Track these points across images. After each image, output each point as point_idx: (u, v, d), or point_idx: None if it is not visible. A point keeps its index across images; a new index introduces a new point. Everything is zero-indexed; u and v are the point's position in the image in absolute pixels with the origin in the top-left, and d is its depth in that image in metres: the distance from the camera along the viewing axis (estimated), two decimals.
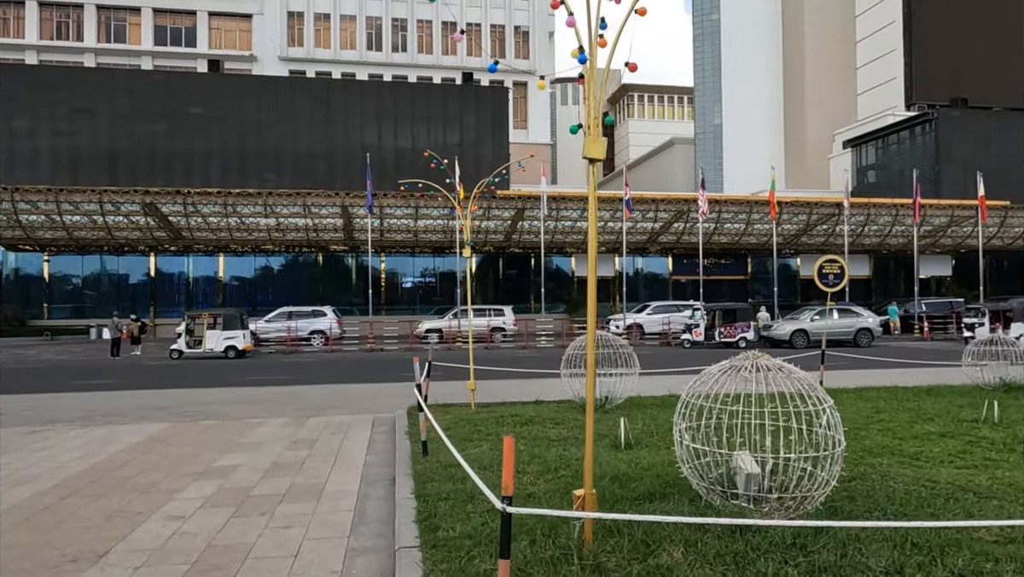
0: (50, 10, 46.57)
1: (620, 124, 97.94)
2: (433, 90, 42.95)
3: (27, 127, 36.74)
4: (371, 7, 50.04)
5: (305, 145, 39.35)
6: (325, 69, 49.34)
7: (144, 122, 37.51)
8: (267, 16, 48.71)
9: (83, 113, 37.03)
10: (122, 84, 39.74)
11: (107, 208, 28.37)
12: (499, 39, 51.81)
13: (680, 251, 37.12)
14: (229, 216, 29.95)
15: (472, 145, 39.68)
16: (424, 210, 30.75)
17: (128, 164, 36.76)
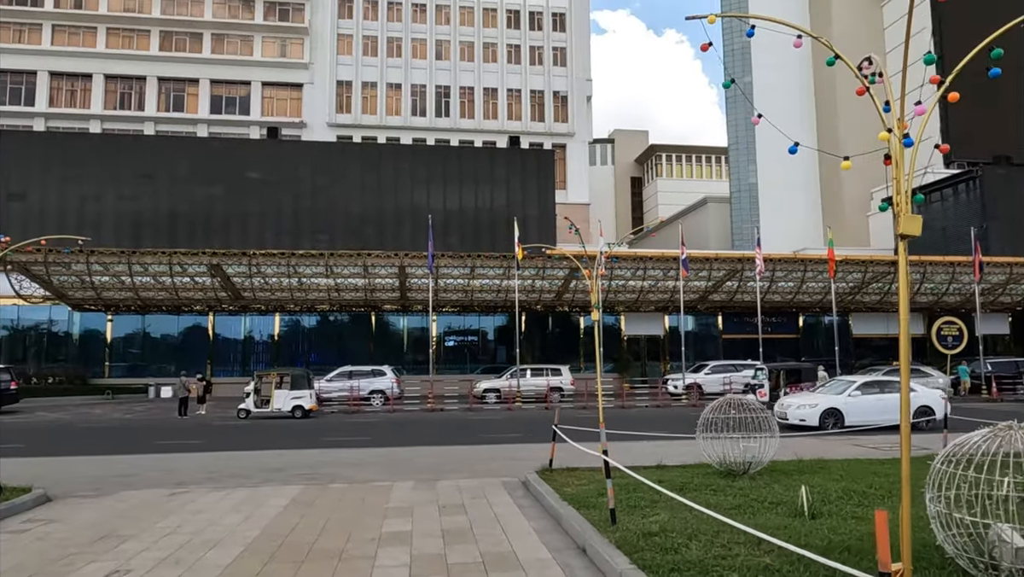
0: (115, 82, 49.11)
1: (648, 183, 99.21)
2: (480, 153, 44.16)
3: (93, 192, 38.31)
4: (416, 75, 52.07)
5: (357, 207, 40.43)
6: (371, 134, 51.05)
7: (203, 186, 38.93)
8: (317, 85, 50.86)
9: (146, 178, 38.58)
10: (183, 150, 41.52)
11: (174, 269, 29.16)
12: (539, 103, 53.38)
13: (730, 310, 36.93)
14: (290, 276, 30.59)
15: (519, 206, 40.43)
16: (480, 270, 31.13)
17: (188, 226, 37.97)
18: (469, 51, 52.75)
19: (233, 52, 50.36)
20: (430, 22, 52.41)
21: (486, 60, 52.88)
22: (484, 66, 52.71)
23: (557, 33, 53.81)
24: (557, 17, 54.01)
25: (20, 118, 46.83)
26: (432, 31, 52.37)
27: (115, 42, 49.12)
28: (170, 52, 49.38)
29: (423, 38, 52.26)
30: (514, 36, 53.38)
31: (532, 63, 53.28)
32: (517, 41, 53.31)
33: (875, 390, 17.40)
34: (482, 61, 52.74)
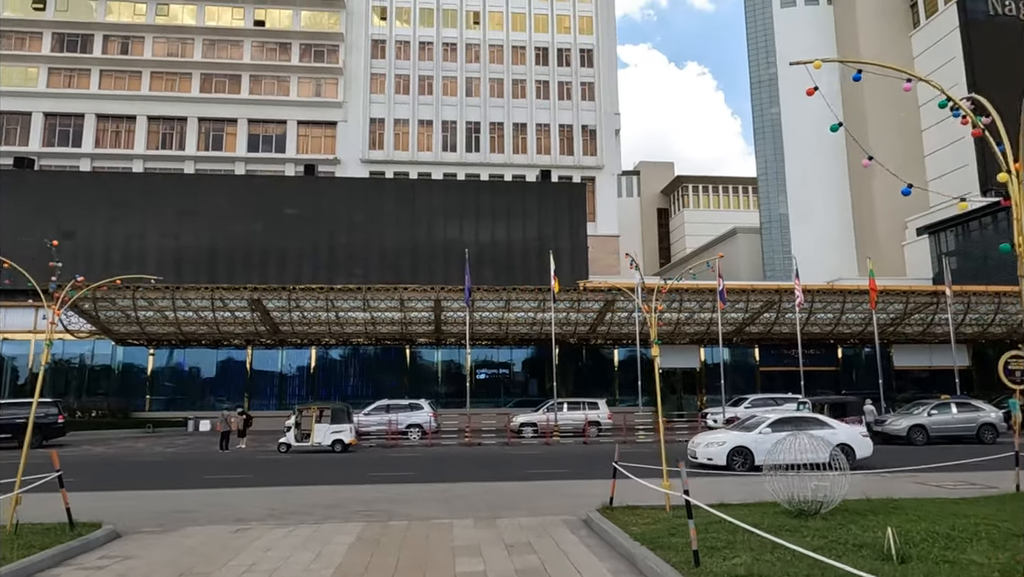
0: (157, 123, 50.84)
1: (675, 214, 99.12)
2: (512, 187, 44.66)
3: (137, 229, 39.44)
4: (446, 112, 53.08)
5: (391, 241, 41.00)
6: (403, 169, 51.97)
7: (242, 222, 39.87)
8: (351, 123, 52.09)
9: (187, 215, 39.65)
10: (222, 187, 42.67)
11: (216, 304, 29.72)
12: (567, 137, 53.97)
13: (768, 341, 36.41)
14: (328, 310, 30.98)
15: (551, 238, 40.66)
16: (515, 303, 31.22)
17: (227, 262, 38.79)
18: (499, 88, 53.74)
19: (270, 92, 51.92)
20: (460, 60, 53.61)
21: (515, 96, 53.78)
22: (513, 102, 53.59)
23: (585, 68, 54.63)
24: (584, 53, 54.88)
25: (68, 159, 48.62)
26: (462, 69, 53.52)
27: (158, 85, 50.98)
28: (210, 93, 51.08)
29: (454, 76, 53.41)
30: (543, 72, 54.30)
31: (561, 98, 54.05)
32: (546, 77, 54.20)
33: (788, 428, 15.41)
34: (511, 97, 53.64)
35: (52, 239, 11.92)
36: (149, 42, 51.21)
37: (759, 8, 62.87)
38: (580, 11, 55.24)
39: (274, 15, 52.95)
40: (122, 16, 51.27)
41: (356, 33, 53.08)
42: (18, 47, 49.85)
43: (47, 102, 48.79)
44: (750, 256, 68.99)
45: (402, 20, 53.76)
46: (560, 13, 55.16)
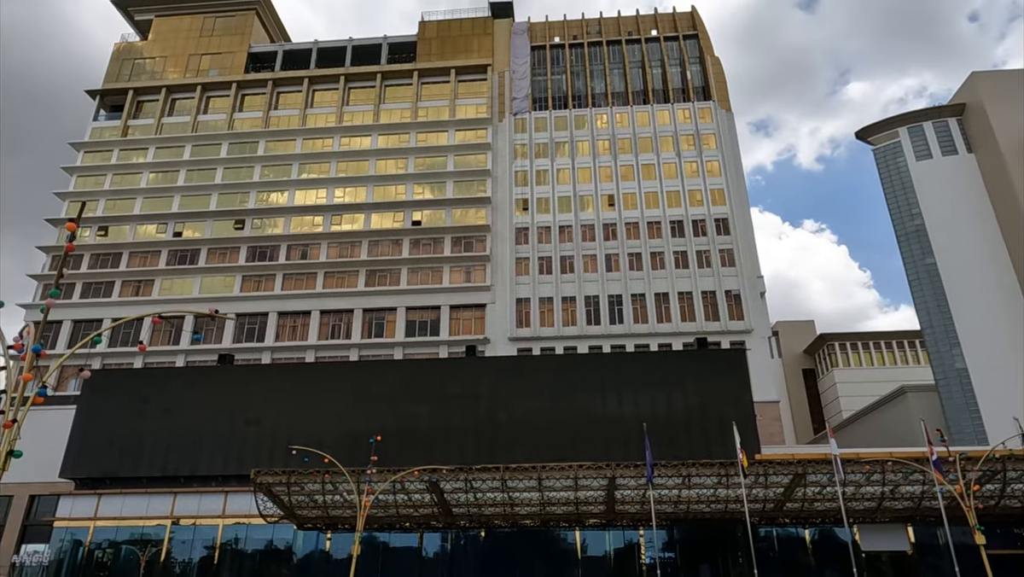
0: (328, 316, 56.20)
1: (823, 375, 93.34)
2: (669, 357, 44.32)
3: (314, 414, 42.15)
4: (588, 288, 55.03)
5: (549, 417, 40.97)
6: (549, 345, 53.33)
7: (409, 403, 41.68)
8: (498, 304, 55.05)
9: (360, 400, 42.09)
10: (390, 372, 45.40)
11: (396, 487, 30.33)
12: (711, 304, 53.78)
13: (991, 519, 31.52)
14: (503, 491, 30.66)
15: (714, 408, 39.09)
16: (695, 479, 29.52)
17: (397, 443, 40.03)
18: (637, 261, 55.52)
19: (425, 282, 56.56)
20: (599, 239, 56.47)
21: (654, 267, 55.18)
22: (653, 273, 54.89)
23: (722, 236, 55.65)
24: (720, 222, 56.24)
25: (252, 352, 54.20)
26: (601, 247, 56.18)
27: (330, 283, 57.12)
28: (373, 287, 56.39)
29: (593, 254, 56.04)
30: (679, 243, 55.82)
31: (700, 266, 54.78)
32: (683, 247, 55.59)
33: None
34: (651, 269, 55.06)
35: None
36: (324, 247, 58.36)
37: (891, 163, 62.74)
38: (711, 185, 57.58)
39: (428, 215, 59.24)
40: (303, 228, 59.29)
41: (501, 224, 57.89)
42: (220, 260, 58.39)
43: (240, 304, 55.68)
44: (927, 417, 62.37)
45: (542, 209, 58.25)
46: (691, 188, 57.73)
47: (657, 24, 66.48)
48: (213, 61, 67.14)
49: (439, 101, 64.23)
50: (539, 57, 65.96)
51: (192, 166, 62.32)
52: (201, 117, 64.98)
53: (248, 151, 62.86)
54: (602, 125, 61.43)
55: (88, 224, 60.21)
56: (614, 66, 64.83)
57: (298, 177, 61.26)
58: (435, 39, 67.21)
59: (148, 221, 60.26)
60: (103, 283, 57.82)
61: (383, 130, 63.05)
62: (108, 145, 63.69)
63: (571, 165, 59.64)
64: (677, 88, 63.20)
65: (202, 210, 59.91)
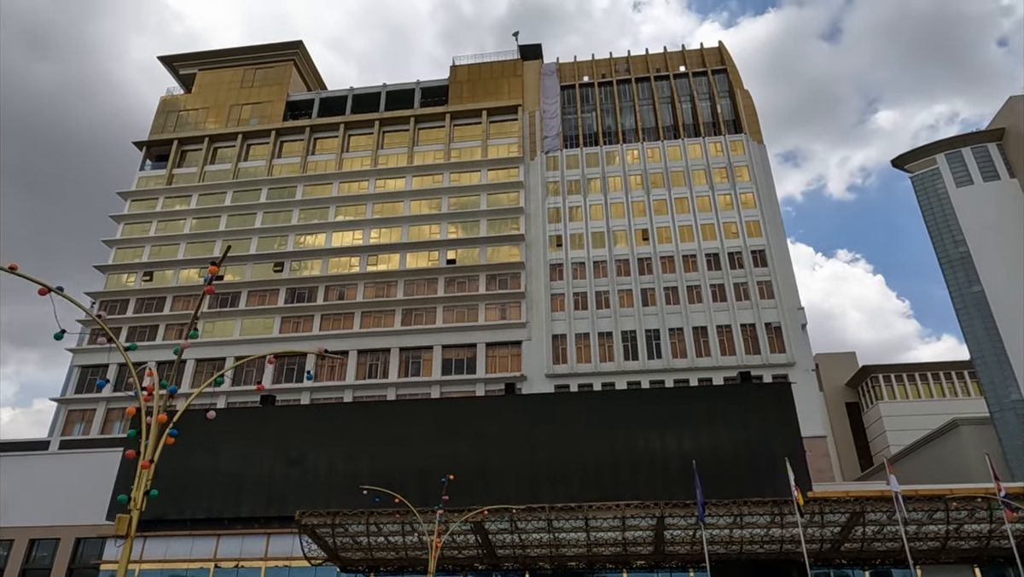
0: (365, 356, 56.60)
1: (868, 408, 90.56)
2: (711, 392, 43.48)
3: (354, 453, 42.09)
4: (625, 323, 54.62)
5: (591, 455, 40.22)
6: (587, 381, 52.80)
7: (449, 442, 41.37)
8: (534, 341, 54.88)
9: (399, 439, 41.94)
10: (428, 410, 45.25)
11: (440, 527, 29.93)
12: (751, 337, 52.89)
13: None
14: (548, 532, 30.05)
15: (761, 444, 38.04)
16: (748, 518, 28.59)
17: (437, 483, 39.69)
18: (674, 295, 55.04)
19: (461, 320, 56.72)
20: (634, 274, 56.23)
21: (691, 301, 54.62)
22: (690, 307, 54.31)
23: (759, 268, 54.99)
24: (756, 254, 55.65)
25: (292, 393, 54.67)
26: (636, 281, 55.89)
27: (367, 322, 57.66)
28: (410, 325, 56.75)
29: (628, 288, 55.75)
30: (716, 276, 55.26)
31: (739, 299, 54.07)
32: (720, 280, 55.00)
33: None
34: (688, 303, 54.52)
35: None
36: (360, 287, 59.11)
37: (931, 190, 61.67)
38: (746, 217, 57.18)
39: (463, 253, 59.75)
40: (340, 269, 60.25)
41: (535, 260, 58.09)
42: (259, 303, 59.47)
43: (279, 345, 56.41)
44: (981, 450, 59.81)
45: (576, 245, 58.36)
46: (726, 221, 57.39)
47: (685, 60, 67.16)
48: (253, 110, 69.57)
49: (471, 142, 65.39)
50: (569, 96, 66.97)
51: (233, 211, 64.10)
52: (242, 164, 67.08)
53: (287, 196, 64.52)
54: (633, 160, 61.76)
55: (134, 270, 62.03)
56: (644, 102, 65.45)
57: (335, 220, 62.54)
58: (466, 82, 68.79)
59: (191, 265, 61.87)
60: (148, 327, 59.23)
61: (417, 172, 64.25)
62: (153, 193, 65.97)
63: (604, 200, 59.87)
64: (708, 122, 63.44)
65: (242, 254, 61.32)
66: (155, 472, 38.05)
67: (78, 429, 55.61)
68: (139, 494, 11.54)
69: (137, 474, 11.80)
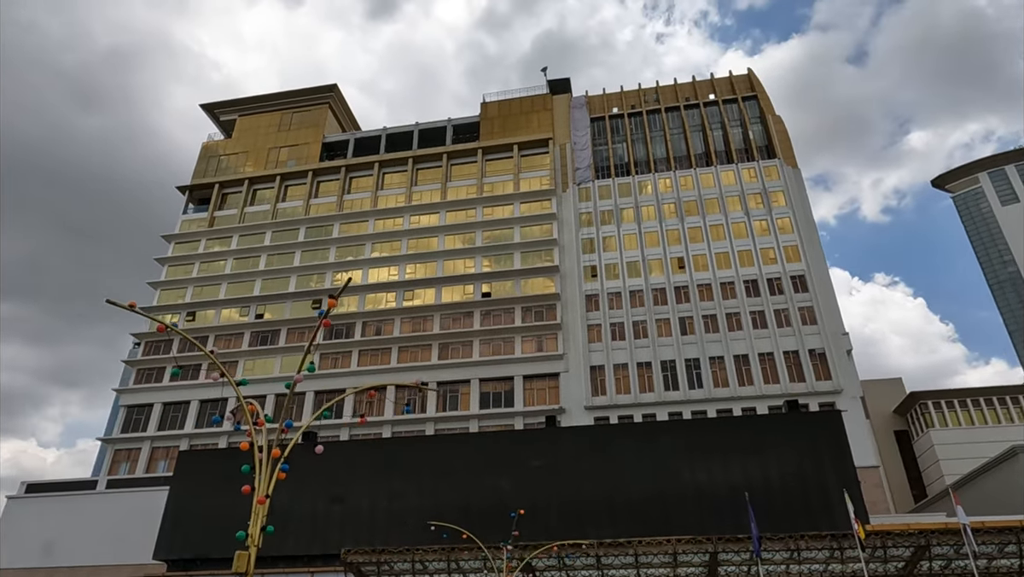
0: (403, 391, 56.68)
1: (918, 437, 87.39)
2: (757, 421, 42.47)
3: (397, 490, 41.88)
4: (664, 352, 53.88)
5: (635, 488, 39.37)
6: (627, 412, 52.00)
7: (491, 477, 40.93)
8: (572, 373, 54.41)
9: (442, 474, 41.63)
10: (469, 444, 44.94)
11: (487, 564, 29.47)
12: (794, 364, 51.70)
13: None
14: (598, 568, 29.33)
15: (812, 474, 36.87)
16: (806, 552, 27.54)
17: (480, 518, 39.14)
18: (713, 323, 54.25)
19: (498, 353, 56.61)
20: (671, 303, 55.66)
21: (731, 329, 53.75)
22: (730, 335, 53.43)
23: (800, 294, 54.01)
24: (796, 279, 54.73)
25: (331, 429, 54.86)
26: (674, 310, 55.28)
27: (404, 357, 57.87)
28: (447, 360, 56.77)
29: (666, 317, 55.14)
30: (756, 303, 54.40)
31: (780, 325, 53.07)
32: (760, 307, 54.11)
33: None
34: (727, 330, 53.66)
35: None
36: (397, 322, 59.53)
37: (974, 209, 60.44)
38: (784, 242, 56.44)
39: (498, 286, 59.90)
40: (377, 305, 60.83)
41: (571, 291, 57.94)
42: (299, 340, 60.20)
43: (318, 382, 56.87)
44: None
45: (611, 275, 58.12)
46: (763, 247, 56.69)
47: (715, 88, 67.35)
48: (291, 152, 71.52)
49: (503, 176, 66.10)
50: (599, 128, 67.49)
51: (272, 251, 65.48)
52: (280, 205, 68.73)
53: (324, 234, 65.75)
54: (666, 189, 61.68)
55: (177, 310, 63.48)
56: (674, 131, 65.62)
57: (371, 256, 63.42)
58: (497, 117, 69.88)
59: (232, 305, 63.11)
60: (191, 366, 60.28)
61: (450, 207, 65.04)
62: (196, 236, 67.83)
63: (638, 230, 59.72)
64: (740, 148, 63.24)
65: (281, 292, 62.40)
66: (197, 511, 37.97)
67: (124, 468, 56.44)
68: (256, 530, 11.72)
69: (253, 510, 11.94)
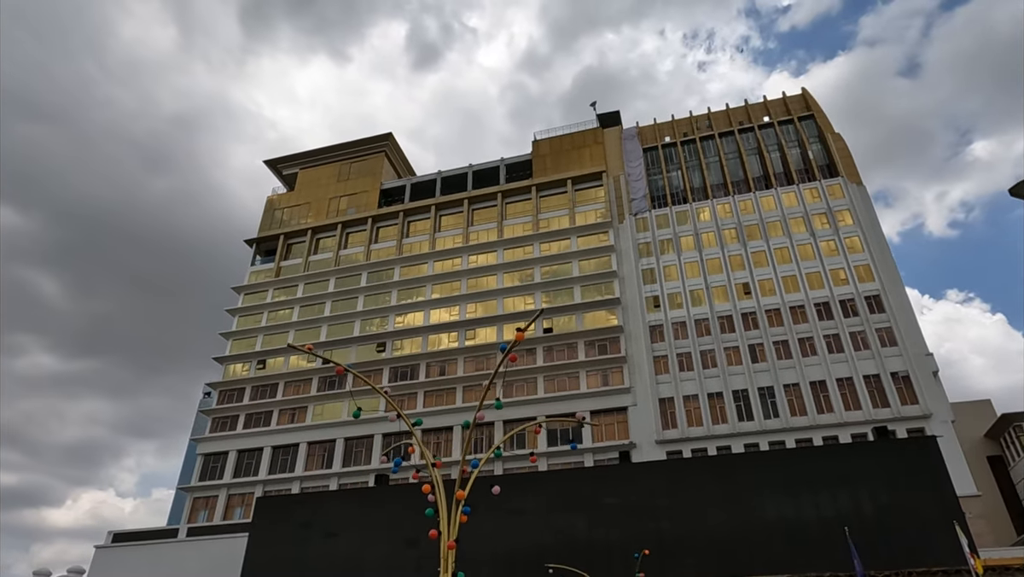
0: None
1: (1014, 463, 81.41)
2: (843, 451, 40.41)
3: (469, 531, 41.28)
4: (735, 381, 52.18)
5: (717, 524, 37.78)
6: (700, 445, 50.30)
7: (564, 516, 40.00)
8: (640, 407, 53.18)
9: (514, 513, 40.93)
10: (538, 484, 44.17)
11: None
12: (876, 388, 49.22)
13: None
14: None
15: (908, 505, 34.57)
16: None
17: (555, 558, 38.25)
18: (784, 349, 52.37)
19: (563, 389, 55.96)
20: (739, 330, 54.10)
21: (805, 354, 51.75)
22: (804, 360, 51.41)
23: (876, 315, 51.72)
24: (871, 299, 52.51)
25: (400, 471, 54.79)
26: (742, 337, 53.67)
27: (469, 396, 57.78)
28: (511, 397, 56.40)
29: (735, 345, 53.55)
30: (829, 326, 52.34)
31: (857, 348, 50.80)
32: (834, 330, 52.01)
33: None
34: (801, 356, 51.66)
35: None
36: (460, 362, 59.70)
37: None
38: (854, 262, 54.42)
39: (559, 322, 59.55)
40: (439, 345, 61.24)
41: (634, 323, 57.05)
42: (365, 384, 60.89)
43: (385, 425, 57.26)
44: None
45: (674, 304, 57.04)
46: (832, 268, 54.78)
47: (768, 111, 66.43)
48: (350, 201, 73.75)
49: (558, 211, 66.34)
50: (652, 158, 67.23)
51: (336, 297, 67.08)
52: (342, 252, 70.64)
53: (384, 278, 67.04)
54: (726, 214, 60.62)
55: (248, 359, 65.41)
56: (730, 156, 64.79)
57: (431, 297, 64.18)
58: (549, 154, 70.54)
59: (300, 352, 64.46)
60: (263, 413, 61.74)
61: (507, 244, 65.50)
62: (263, 286, 70.20)
63: (699, 257, 58.68)
64: (800, 169, 61.85)
65: (346, 337, 63.62)
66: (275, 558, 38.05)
67: (202, 516, 57.70)
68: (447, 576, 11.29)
69: (443, 555, 11.96)
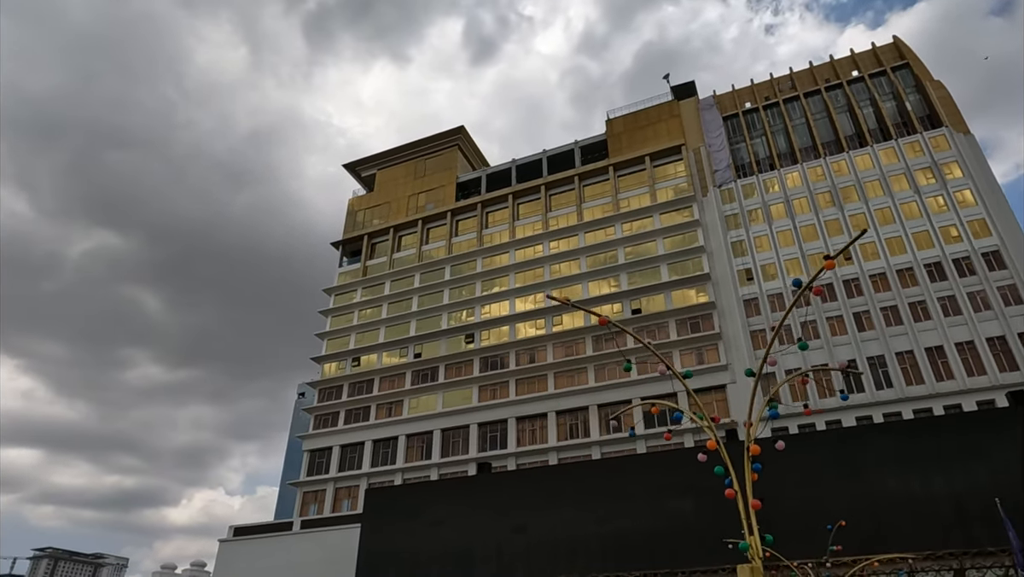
0: (563, 416, 56.22)
1: None
2: (972, 419, 37.54)
3: (573, 517, 41.13)
4: (840, 352, 49.60)
5: (835, 502, 35.89)
6: (806, 421, 48.09)
7: (674, 500, 39.12)
8: (739, 384, 51.35)
9: (620, 498, 40.39)
10: (637, 466, 43.44)
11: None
12: (1003, 351, 45.49)
13: None
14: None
15: None
16: None
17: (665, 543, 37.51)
18: (894, 315, 49.28)
19: (655, 371, 54.69)
20: (840, 298, 51.31)
21: (917, 320, 48.51)
22: (917, 326, 48.20)
23: (996, 272, 47.79)
24: (990, 256, 48.56)
25: (498, 460, 55.34)
26: (846, 305, 50.89)
27: (561, 382, 57.49)
28: (604, 381, 55.74)
29: (839, 314, 50.85)
30: (943, 288, 48.81)
31: (977, 310, 47.13)
32: (949, 291, 48.46)
33: None
34: (913, 321, 48.44)
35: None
36: (550, 348, 59.49)
37: None
38: (967, 216, 50.46)
39: (647, 302, 58.28)
40: (528, 333, 61.24)
41: (726, 298, 55.14)
42: (457, 375, 61.82)
43: (480, 414, 57.91)
44: None
45: (768, 276, 54.71)
46: (942, 225, 51.01)
47: (857, 64, 62.41)
48: (428, 197, 74.77)
49: (638, 189, 64.86)
50: (733, 126, 64.61)
51: (422, 292, 68.25)
52: (424, 247, 71.77)
53: (467, 270, 67.63)
54: (817, 178, 57.51)
55: (343, 358, 67.60)
56: (818, 116, 61.36)
57: (515, 286, 64.20)
58: (624, 132, 69.00)
59: (391, 348, 66.19)
60: (361, 408, 63.70)
61: (587, 228, 64.63)
62: (352, 286, 72.32)
63: (792, 224, 55.99)
64: (897, 123, 57.86)
65: (435, 330, 64.64)
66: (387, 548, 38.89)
67: (312, 509, 60.22)
68: (755, 539, 10.60)
69: (745, 516, 10.89)
